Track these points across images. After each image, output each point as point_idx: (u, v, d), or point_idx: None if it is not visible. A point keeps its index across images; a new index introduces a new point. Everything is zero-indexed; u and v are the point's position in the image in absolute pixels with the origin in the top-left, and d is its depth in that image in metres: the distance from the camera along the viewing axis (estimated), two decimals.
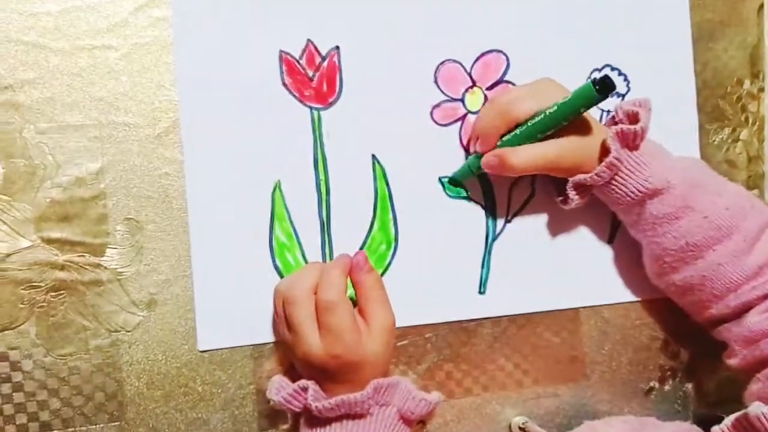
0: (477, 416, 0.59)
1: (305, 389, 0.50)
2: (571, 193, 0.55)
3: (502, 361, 0.59)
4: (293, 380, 0.51)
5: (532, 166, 0.53)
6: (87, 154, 0.51)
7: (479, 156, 0.56)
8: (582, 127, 0.54)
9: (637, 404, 0.63)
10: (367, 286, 0.51)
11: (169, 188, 0.53)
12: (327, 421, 0.49)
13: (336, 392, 0.49)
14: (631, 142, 0.53)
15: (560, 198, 0.58)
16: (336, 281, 0.49)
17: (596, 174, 0.53)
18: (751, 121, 0.65)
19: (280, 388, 0.51)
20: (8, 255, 0.49)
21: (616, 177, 0.54)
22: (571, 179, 0.54)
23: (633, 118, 0.55)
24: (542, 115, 0.52)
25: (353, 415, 0.49)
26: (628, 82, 0.63)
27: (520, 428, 0.59)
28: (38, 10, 0.51)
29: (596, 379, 0.62)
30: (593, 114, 0.56)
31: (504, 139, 0.55)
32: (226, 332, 0.54)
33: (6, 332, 0.50)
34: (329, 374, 0.49)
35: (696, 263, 0.54)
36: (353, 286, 0.52)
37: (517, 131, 0.54)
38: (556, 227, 0.61)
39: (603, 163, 0.53)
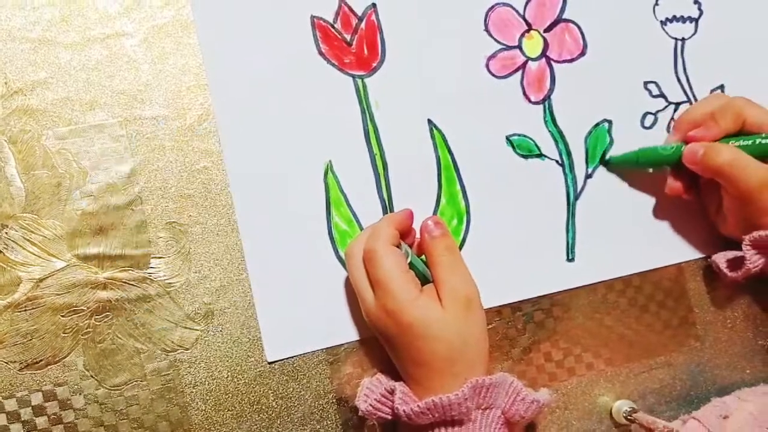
0: (586, 399, 0.52)
1: (392, 391, 0.43)
2: (750, 253, 0.49)
3: (604, 334, 0.52)
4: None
5: (733, 175, 0.47)
6: (115, 156, 0.45)
7: (666, 148, 0.51)
8: None
9: (760, 362, 0.55)
10: (435, 252, 0.45)
11: (210, 184, 0.47)
12: (421, 430, 0.42)
13: (428, 395, 0.42)
14: None
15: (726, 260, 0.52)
16: (381, 232, 0.44)
17: None
18: None
19: (368, 393, 0.44)
20: (42, 279, 0.44)
21: None
22: (750, 236, 0.48)
23: None
24: None
25: (450, 421, 0.42)
26: (699, 5, 0.56)
27: (625, 417, 0.51)
28: (41, 3, 0.45)
29: (711, 341, 0.54)
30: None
31: (736, 143, 0.49)
32: (295, 338, 0.47)
33: (50, 367, 0.44)
34: (396, 345, 0.43)
35: None
36: (425, 254, 0.45)
37: (744, 141, 0.49)
38: (643, 176, 0.54)
39: None
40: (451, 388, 0.42)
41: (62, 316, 0.44)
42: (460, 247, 0.51)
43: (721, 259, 0.51)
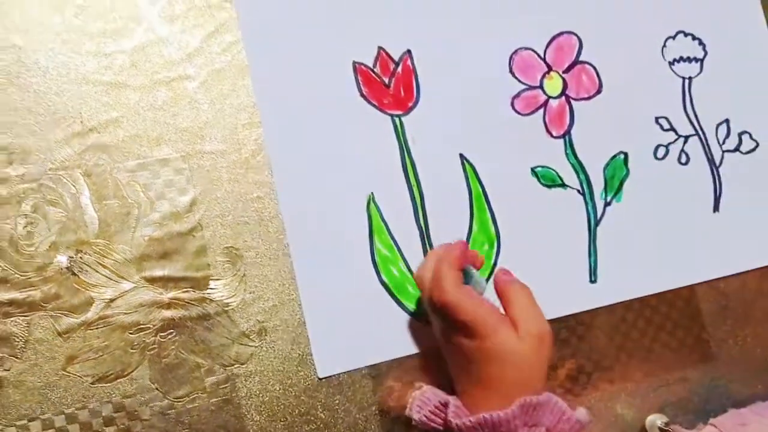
0: (609, 413, 0.55)
1: (446, 405, 0.46)
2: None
3: (624, 351, 0.56)
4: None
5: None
6: (178, 187, 0.50)
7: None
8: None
9: None
10: (511, 292, 0.47)
11: (263, 212, 0.51)
12: None
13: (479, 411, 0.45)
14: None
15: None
16: (445, 279, 0.46)
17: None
18: None
19: (422, 405, 0.47)
20: (113, 300, 0.48)
21: None
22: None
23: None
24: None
25: None
26: (704, 46, 0.61)
27: (661, 430, 0.54)
28: (112, 50, 0.50)
29: (724, 358, 0.58)
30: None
31: None
32: (343, 355, 0.51)
33: (119, 380, 0.47)
34: (466, 367, 0.45)
35: None
36: (500, 295, 0.48)
37: None
38: (658, 203, 0.58)
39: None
40: (500, 406, 0.44)
41: (130, 333, 0.48)
42: (491, 270, 0.55)
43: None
